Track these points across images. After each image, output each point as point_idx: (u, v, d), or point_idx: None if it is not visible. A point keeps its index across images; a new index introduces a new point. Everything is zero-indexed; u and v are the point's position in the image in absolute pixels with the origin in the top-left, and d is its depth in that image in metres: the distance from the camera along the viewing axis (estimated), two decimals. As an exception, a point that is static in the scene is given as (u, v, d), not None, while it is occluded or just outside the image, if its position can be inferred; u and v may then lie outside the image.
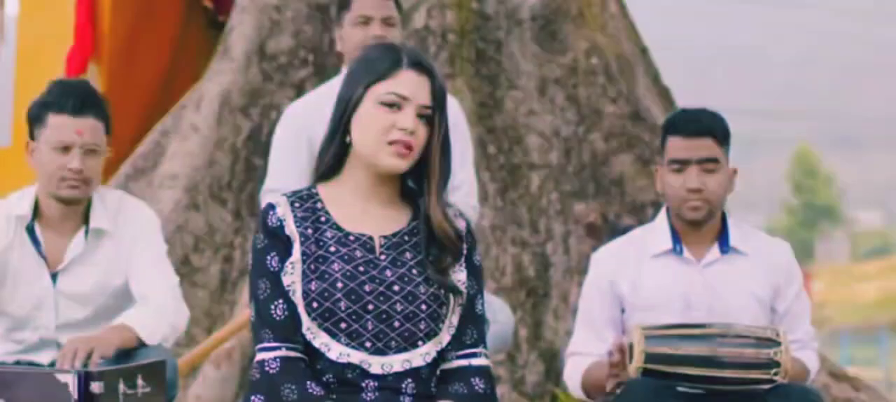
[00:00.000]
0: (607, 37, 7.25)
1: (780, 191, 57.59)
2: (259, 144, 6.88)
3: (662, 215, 4.16)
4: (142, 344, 3.97)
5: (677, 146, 4.06)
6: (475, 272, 3.27)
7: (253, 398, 3.16)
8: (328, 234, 3.20)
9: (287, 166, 4.56)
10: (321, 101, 4.37)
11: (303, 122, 4.49)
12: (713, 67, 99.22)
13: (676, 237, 4.09)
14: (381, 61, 3.23)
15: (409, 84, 3.17)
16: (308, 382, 3.13)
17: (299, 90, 6.95)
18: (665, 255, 4.10)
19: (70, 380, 3.52)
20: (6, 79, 8.23)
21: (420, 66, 3.21)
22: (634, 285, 4.10)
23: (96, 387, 3.53)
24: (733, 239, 4.10)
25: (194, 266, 6.65)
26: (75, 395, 3.51)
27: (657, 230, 4.17)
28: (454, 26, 6.98)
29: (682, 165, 4.02)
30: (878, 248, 53.76)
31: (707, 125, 4.08)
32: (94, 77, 7.35)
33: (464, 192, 4.79)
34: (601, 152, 6.93)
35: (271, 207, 3.22)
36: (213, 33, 7.86)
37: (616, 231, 5.78)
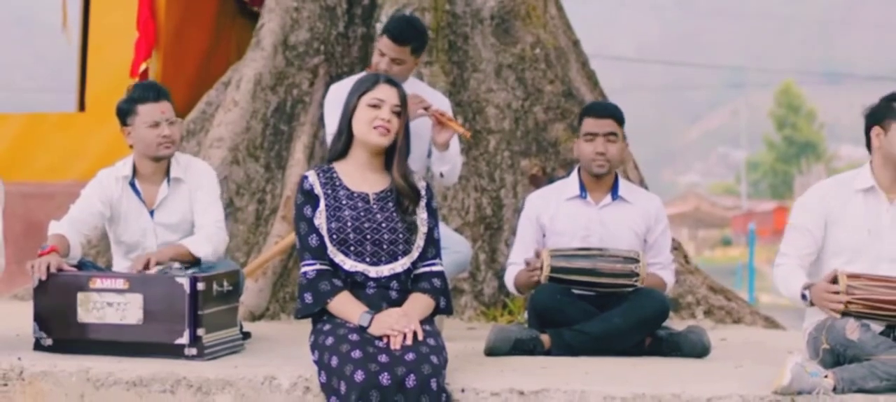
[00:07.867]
0: (548, 33, 7.61)
1: (763, 127, 54.08)
2: (284, 115, 7.35)
3: (575, 172, 5.01)
4: (200, 259, 4.63)
5: (590, 124, 4.91)
6: (433, 213, 4.07)
7: (304, 294, 3.93)
8: (341, 192, 3.96)
9: (335, 122, 4.56)
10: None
11: (342, 96, 4.64)
12: (699, 18, 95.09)
13: (583, 187, 4.98)
14: (367, 80, 4.04)
15: (384, 92, 3.98)
16: (333, 279, 3.95)
17: (314, 74, 7.43)
18: (574, 199, 4.98)
19: (185, 282, 4.27)
20: (71, 58, 8.73)
21: (391, 82, 4.03)
22: (552, 218, 4.95)
23: (201, 286, 4.29)
24: (621, 191, 4.96)
25: (236, 207, 7.03)
26: (188, 291, 4.26)
27: (570, 182, 5.01)
28: (431, 24, 7.27)
29: (592, 136, 4.89)
30: (861, 183, 50.16)
31: (610, 111, 4.95)
32: (154, 60, 7.95)
33: (453, 146, 5.36)
34: (542, 121, 7.35)
35: (305, 177, 3.97)
36: (245, 21, 8.39)
37: (552, 181, 6.12)
